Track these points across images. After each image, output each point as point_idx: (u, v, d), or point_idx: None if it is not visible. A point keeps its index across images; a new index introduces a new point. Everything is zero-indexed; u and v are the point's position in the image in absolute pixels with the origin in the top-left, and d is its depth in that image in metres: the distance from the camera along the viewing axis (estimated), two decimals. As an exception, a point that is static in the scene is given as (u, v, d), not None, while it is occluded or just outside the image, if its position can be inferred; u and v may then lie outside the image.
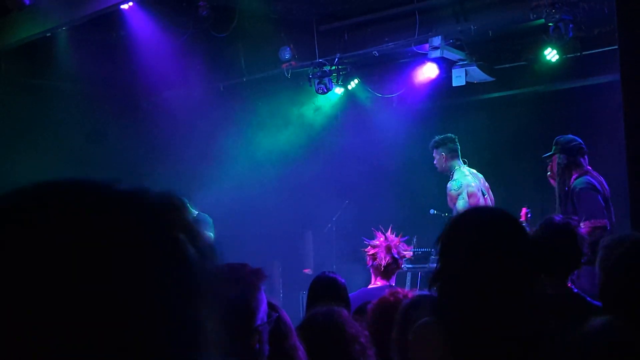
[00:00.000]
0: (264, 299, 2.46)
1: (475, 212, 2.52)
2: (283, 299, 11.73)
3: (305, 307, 4.97)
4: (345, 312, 3.49)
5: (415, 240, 10.23)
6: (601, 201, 7.42)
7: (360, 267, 6.91)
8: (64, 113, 10.55)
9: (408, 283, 9.99)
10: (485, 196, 8.64)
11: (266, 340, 2.44)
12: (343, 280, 5.08)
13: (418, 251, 9.89)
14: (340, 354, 3.25)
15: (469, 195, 8.42)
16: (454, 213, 8.08)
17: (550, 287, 4.10)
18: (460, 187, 8.51)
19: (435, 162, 8.94)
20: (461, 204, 8.31)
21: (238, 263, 2.58)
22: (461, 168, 8.77)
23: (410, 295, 3.94)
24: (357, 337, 3.31)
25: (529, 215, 8.29)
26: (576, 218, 4.68)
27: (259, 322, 2.40)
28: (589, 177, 7.52)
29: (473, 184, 8.57)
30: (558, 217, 4.49)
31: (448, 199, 8.64)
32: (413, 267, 9.83)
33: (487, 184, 8.89)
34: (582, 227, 7.62)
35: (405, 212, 11.33)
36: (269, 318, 2.50)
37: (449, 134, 8.94)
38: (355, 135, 12.03)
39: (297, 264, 12.03)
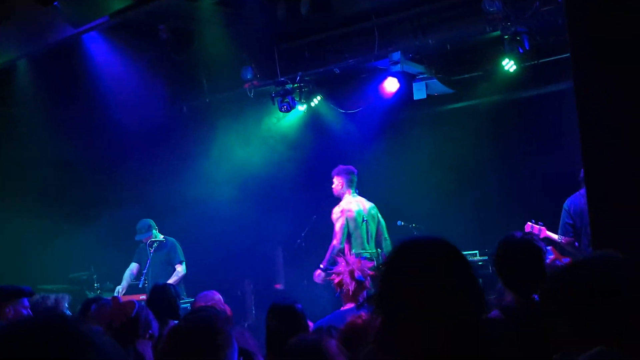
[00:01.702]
0: (235, 347, 2.49)
1: (413, 244, 2.51)
2: (256, 317, 11.76)
3: (266, 337, 4.92)
4: (333, 342, 3.42)
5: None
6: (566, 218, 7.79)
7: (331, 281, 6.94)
8: (26, 141, 10.51)
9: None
10: (365, 221, 9.68)
11: None
12: (300, 306, 4.99)
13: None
14: None
15: (348, 220, 9.58)
16: (334, 233, 9.46)
17: (516, 301, 4.13)
18: (342, 211, 9.63)
19: (333, 185, 9.93)
20: (337, 227, 9.55)
21: (210, 313, 2.61)
22: (350, 196, 9.83)
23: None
24: None
25: (540, 224, 8.45)
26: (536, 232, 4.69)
27: None
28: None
29: (353, 211, 9.65)
30: (519, 234, 4.47)
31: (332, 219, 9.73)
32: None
33: (374, 212, 9.93)
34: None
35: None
36: None
37: (349, 167, 9.93)
38: (319, 151, 12.08)
39: (269, 280, 12.07)
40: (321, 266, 9.46)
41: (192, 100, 11.93)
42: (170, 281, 9.79)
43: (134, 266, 10.42)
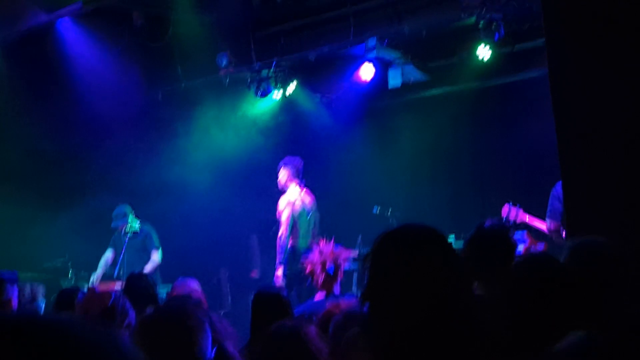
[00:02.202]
0: (208, 335, 2.48)
1: (400, 232, 2.54)
2: (232, 304, 11.75)
3: (251, 324, 4.96)
4: (312, 329, 3.43)
5: (360, 239, 10.35)
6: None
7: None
8: (0, 131, 10.41)
9: (354, 282, 10.09)
10: (309, 217, 9.88)
11: None
12: (286, 294, 5.08)
13: (364, 250, 10.00)
14: None
15: (293, 211, 9.73)
16: (280, 224, 9.59)
17: (486, 292, 4.15)
18: (288, 203, 9.79)
19: (279, 177, 10.06)
20: (284, 217, 9.69)
21: (180, 299, 2.61)
22: (296, 187, 9.95)
23: (354, 305, 3.99)
24: (317, 354, 3.25)
25: (517, 205, 8.50)
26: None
27: (208, 355, 2.43)
28: None
29: (298, 203, 9.81)
30: (487, 223, 4.49)
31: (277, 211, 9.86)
32: (359, 266, 9.92)
33: (314, 206, 10.06)
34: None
35: (349, 212, 11.44)
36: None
37: (295, 158, 10.07)
38: (295, 137, 12.08)
39: (244, 268, 12.06)
40: (278, 262, 9.62)
41: (168, 87, 11.86)
42: (146, 268, 9.77)
43: (109, 253, 10.38)
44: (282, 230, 9.68)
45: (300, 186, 10.01)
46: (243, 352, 3.29)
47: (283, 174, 10.01)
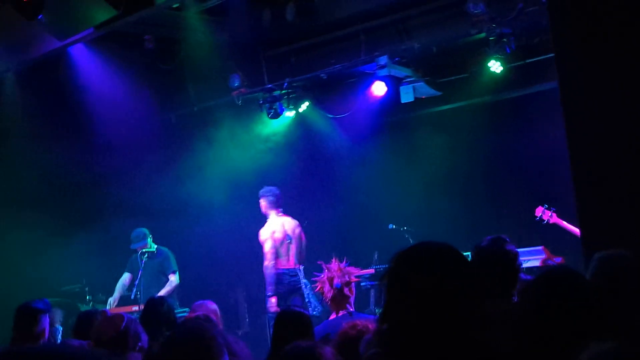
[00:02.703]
0: (225, 357, 2.49)
1: (415, 250, 2.53)
2: (249, 324, 11.74)
3: (271, 342, 4.97)
4: (328, 349, 3.41)
5: (376, 256, 10.35)
6: None
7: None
8: (15, 154, 10.49)
9: (372, 300, 10.08)
10: (291, 243, 10.13)
11: None
12: (308, 314, 5.10)
13: (380, 267, 9.99)
14: None
15: (274, 240, 10.03)
16: (264, 255, 9.90)
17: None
18: (268, 232, 10.08)
19: (261, 207, 10.34)
20: (267, 247, 9.99)
21: (194, 326, 2.61)
22: (276, 216, 10.23)
23: (370, 325, 3.99)
24: None
25: (553, 209, 8.56)
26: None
27: None
28: None
29: (280, 231, 10.10)
30: (485, 240, 4.48)
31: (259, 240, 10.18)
32: (376, 284, 9.92)
33: (298, 230, 10.32)
34: None
35: (365, 229, 11.43)
36: None
37: (273, 188, 10.38)
38: (309, 156, 12.11)
39: (261, 287, 12.05)
40: (268, 293, 9.91)
41: (181, 109, 11.92)
42: (163, 291, 9.78)
43: (126, 276, 10.39)
44: (266, 262, 9.96)
45: (280, 214, 10.25)
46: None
47: (262, 204, 10.30)
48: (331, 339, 4.28)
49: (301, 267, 10.01)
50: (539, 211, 8.81)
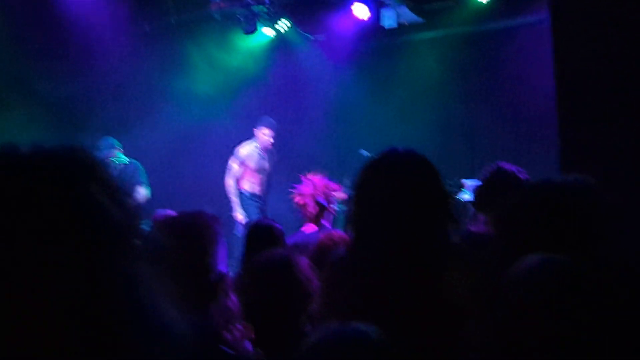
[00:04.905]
0: (223, 249, 2.43)
1: (386, 156, 2.54)
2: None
3: (242, 254, 4.91)
4: (304, 259, 3.39)
5: (347, 181, 10.27)
6: None
7: (290, 206, 6.81)
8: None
9: (341, 223, 10.06)
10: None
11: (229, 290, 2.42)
12: (280, 227, 5.02)
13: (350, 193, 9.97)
14: (293, 298, 3.15)
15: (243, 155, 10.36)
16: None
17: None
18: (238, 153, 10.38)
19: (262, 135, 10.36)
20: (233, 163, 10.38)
21: (193, 212, 2.54)
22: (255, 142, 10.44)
23: (347, 237, 3.93)
24: (306, 283, 3.21)
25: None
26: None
27: (217, 275, 2.38)
28: None
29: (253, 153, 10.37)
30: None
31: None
32: (345, 209, 9.91)
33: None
34: None
35: (337, 154, 11.38)
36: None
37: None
38: (285, 77, 11.93)
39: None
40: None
41: (156, 20, 11.62)
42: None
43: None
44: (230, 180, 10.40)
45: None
46: (234, 283, 3.22)
47: (268, 133, 10.36)
48: (305, 250, 4.23)
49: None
50: None
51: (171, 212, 6.53)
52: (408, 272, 2.34)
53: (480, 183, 4.62)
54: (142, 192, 10.05)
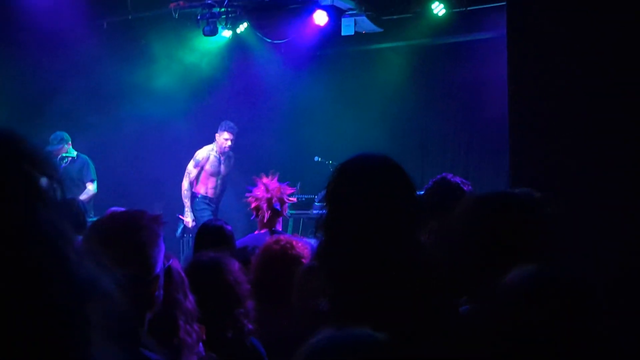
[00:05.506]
0: (162, 247, 2.42)
1: (359, 160, 2.55)
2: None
3: (190, 255, 4.94)
4: (235, 262, 3.45)
5: (299, 186, 10.31)
6: None
7: (244, 209, 6.82)
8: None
9: (290, 228, 10.09)
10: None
11: (161, 286, 2.41)
12: (229, 227, 5.05)
13: (302, 198, 10.00)
14: (219, 301, 3.23)
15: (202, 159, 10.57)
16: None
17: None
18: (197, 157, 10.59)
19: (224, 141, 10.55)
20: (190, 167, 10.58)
21: (137, 210, 2.51)
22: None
23: (294, 241, 3.97)
24: (235, 287, 3.31)
25: None
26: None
27: (158, 270, 2.37)
28: None
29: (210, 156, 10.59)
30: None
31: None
32: (296, 213, 9.97)
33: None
34: None
35: (290, 159, 11.40)
36: (163, 266, 2.47)
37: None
38: (241, 80, 11.92)
39: (179, 207, 11.90)
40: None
41: (114, 17, 11.51)
42: (80, 198, 9.58)
43: (43, 181, 10.11)
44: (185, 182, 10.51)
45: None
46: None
47: (230, 138, 10.51)
48: (253, 252, 4.27)
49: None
50: None
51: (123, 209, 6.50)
52: (382, 274, 2.35)
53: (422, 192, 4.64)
54: (90, 188, 9.99)
